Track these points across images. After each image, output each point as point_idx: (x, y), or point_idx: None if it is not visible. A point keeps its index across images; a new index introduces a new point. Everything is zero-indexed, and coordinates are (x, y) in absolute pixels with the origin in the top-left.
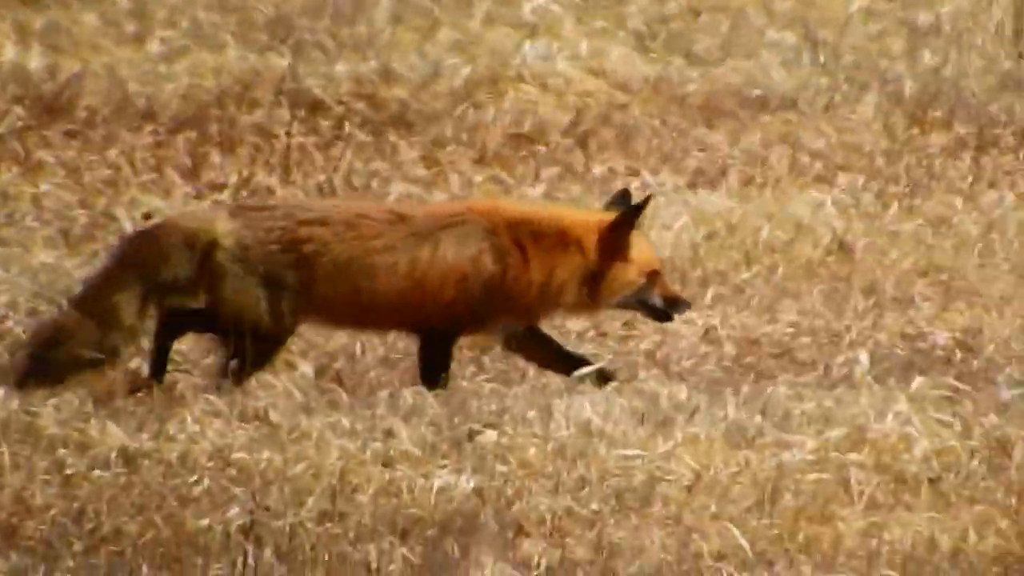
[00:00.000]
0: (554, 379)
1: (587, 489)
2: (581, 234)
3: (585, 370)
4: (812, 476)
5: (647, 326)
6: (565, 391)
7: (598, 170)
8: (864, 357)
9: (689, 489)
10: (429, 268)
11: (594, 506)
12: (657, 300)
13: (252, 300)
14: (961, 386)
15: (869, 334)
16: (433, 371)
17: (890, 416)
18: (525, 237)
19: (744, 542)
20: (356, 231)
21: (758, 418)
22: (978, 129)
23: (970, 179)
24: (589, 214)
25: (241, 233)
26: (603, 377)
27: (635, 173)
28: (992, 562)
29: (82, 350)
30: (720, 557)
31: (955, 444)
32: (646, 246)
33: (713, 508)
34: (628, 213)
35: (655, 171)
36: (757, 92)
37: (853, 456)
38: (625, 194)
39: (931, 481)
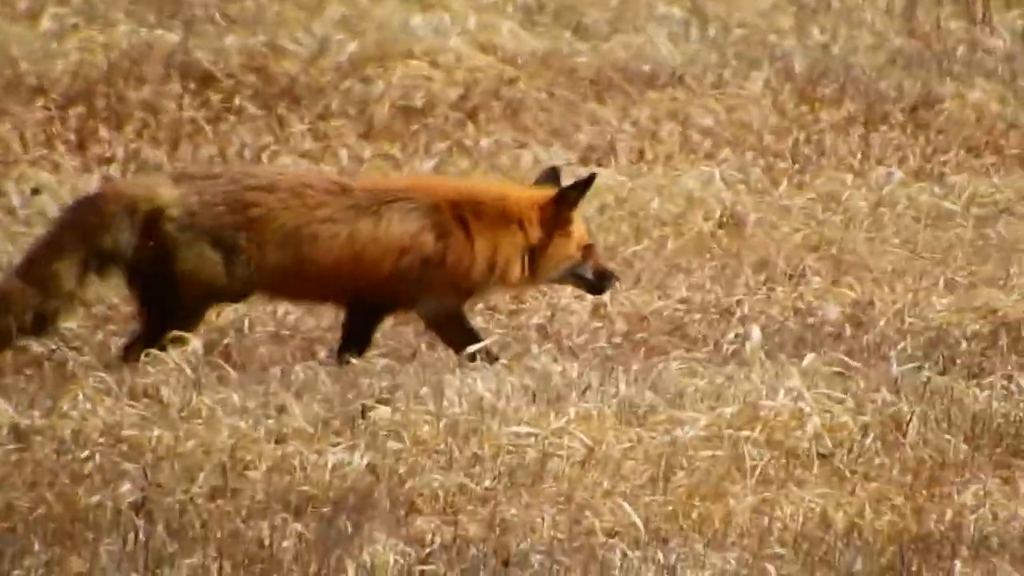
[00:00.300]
0: (445, 356)
1: (480, 466)
2: (523, 211)
3: (475, 347)
4: (705, 452)
5: (537, 301)
6: (457, 367)
7: (486, 143)
8: (756, 332)
9: (582, 466)
10: (370, 242)
11: (487, 483)
12: (590, 273)
13: (210, 265)
14: (852, 362)
15: (760, 309)
16: (355, 346)
17: (782, 392)
18: (468, 214)
19: (637, 519)
20: (301, 199)
21: (650, 394)
22: (867, 105)
23: (859, 155)
24: (529, 191)
25: (187, 200)
26: (492, 354)
27: (524, 147)
28: (887, 539)
29: (22, 317)
30: (613, 534)
31: (847, 420)
32: (580, 221)
33: (606, 485)
34: (576, 188)
35: (545, 145)
36: (646, 67)
37: (745, 432)
38: (554, 171)
39: (823, 457)
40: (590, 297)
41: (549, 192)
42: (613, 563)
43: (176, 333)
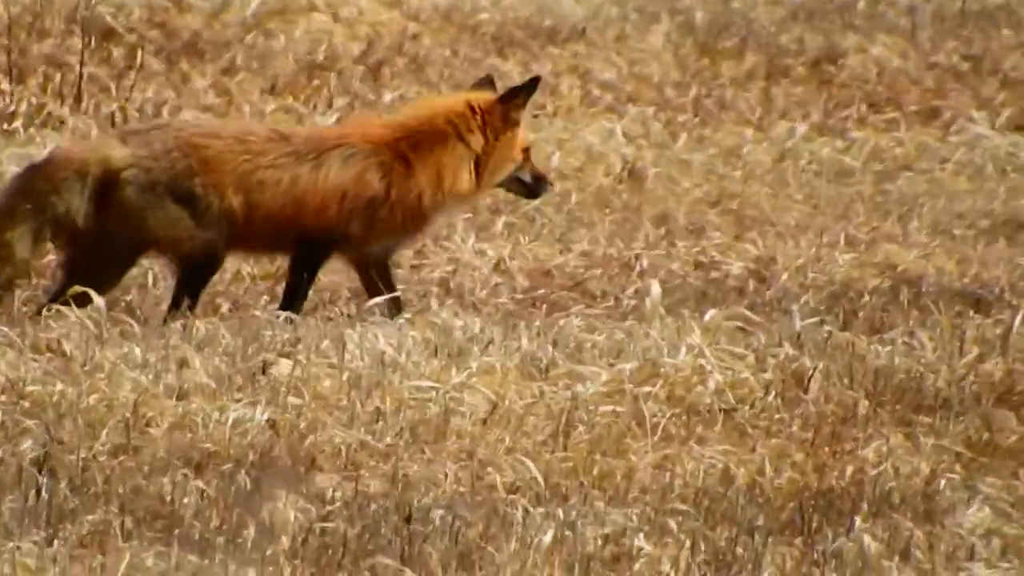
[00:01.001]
0: (346, 309)
1: (381, 422)
2: (459, 122)
3: (376, 300)
4: (606, 408)
5: (438, 256)
6: (358, 322)
7: (389, 98)
8: (655, 288)
9: (484, 422)
10: (312, 186)
11: (388, 439)
12: (529, 177)
13: (174, 220)
14: (755, 317)
15: (661, 264)
16: (297, 295)
17: (683, 348)
18: (406, 148)
19: (538, 475)
20: (245, 146)
21: (551, 350)
22: (769, 59)
23: (760, 110)
24: (460, 99)
25: (138, 156)
26: (396, 307)
27: None
28: (788, 496)
29: None
30: (514, 490)
31: (749, 376)
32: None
33: (507, 441)
34: (522, 90)
35: None
36: (548, 22)
37: (647, 388)
38: (489, 79)
39: (725, 413)
40: (491, 252)
41: (490, 96)
42: (514, 519)
43: (79, 288)
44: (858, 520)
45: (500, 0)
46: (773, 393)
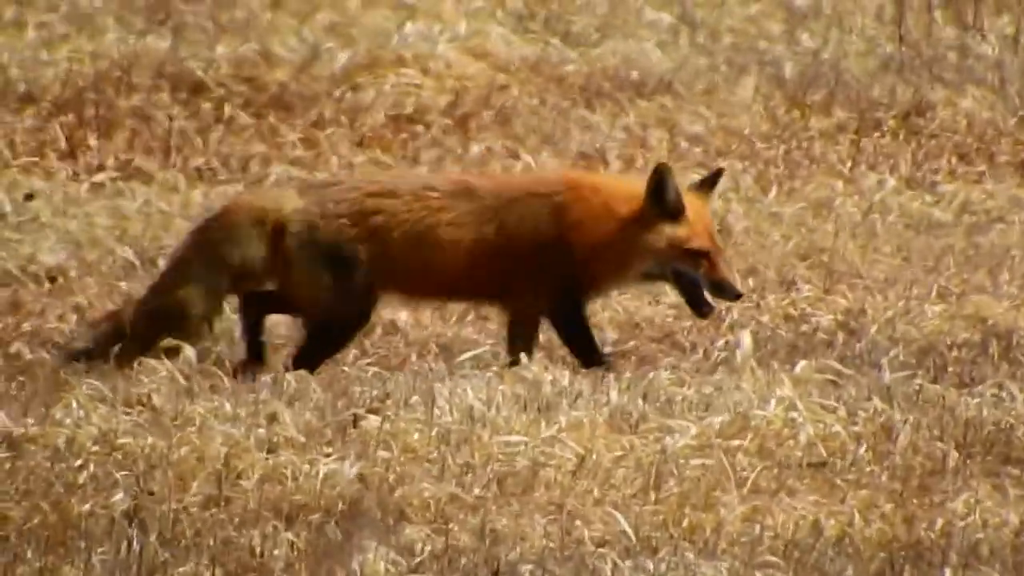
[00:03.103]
0: (436, 364)
1: (470, 475)
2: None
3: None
4: (695, 461)
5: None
6: (447, 376)
7: (477, 151)
8: (746, 340)
9: (572, 474)
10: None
11: (477, 492)
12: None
13: (322, 284)
14: (844, 370)
15: (751, 316)
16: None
17: (773, 401)
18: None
19: (627, 527)
20: (424, 202)
21: (641, 403)
22: (858, 112)
23: (850, 163)
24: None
25: (309, 211)
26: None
27: (515, 155)
28: (877, 547)
29: (153, 342)
30: (603, 543)
31: (839, 429)
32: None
33: (596, 493)
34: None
35: (535, 152)
36: (635, 74)
37: (736, 441)
38: (719, 172)
39: (814, 466)
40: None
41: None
42: (604, 572)
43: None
44: (947, 572)
45: (587, 51)
46: (864, 446)
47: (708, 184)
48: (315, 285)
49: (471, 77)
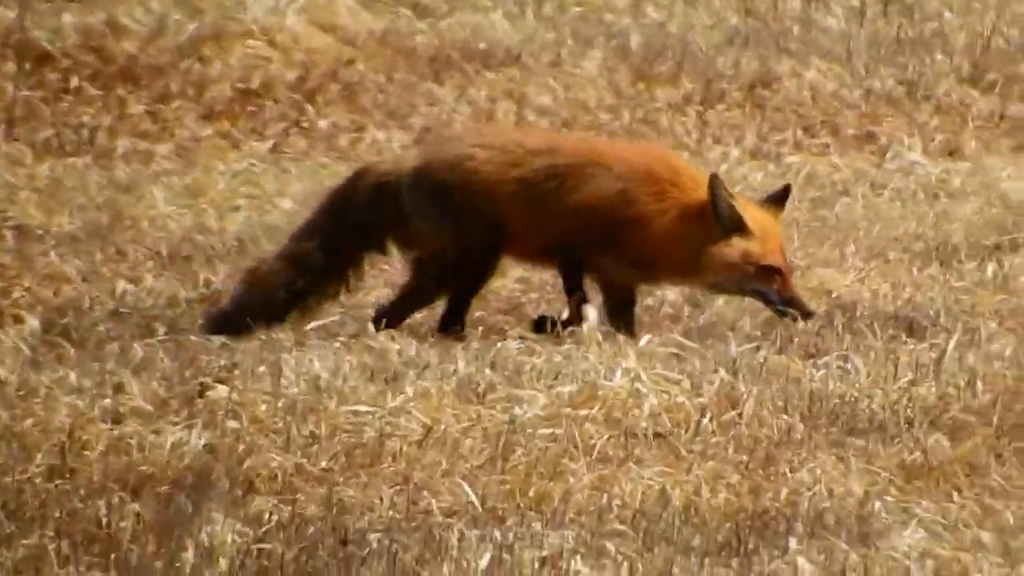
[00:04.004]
0: (283, 334)
1: (317, 446)
2: None
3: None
4: (543, 431)
5: (374, 280)
6: (295, 346)
7: (324, 125)
8: (592, 313)
9: (420, 445)
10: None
11: (324, 463)
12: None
13: (441, 233)
14: (688, 343)
15: (597, 290)
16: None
17: (619, 371)
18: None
19: (475, 498)
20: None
21: (488, 373)
22: (704, 84)
23: (696, 134)
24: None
25: (418, 165)
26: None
27: (362, 128)
28: (724, 517)
29: (276, 295)
30: (450, 513)
31: (684, 400)
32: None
33: (444, 464)
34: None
35: (382, 126)
36: (483, 45)
37: (584, 411)
38: (787, 190)
39: (660, 436)
40: None
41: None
42: (451, 542)
43: (14, 311)
44: (793, 541)
45: (436, 23)
46: (708, 416)
47: (777, 200)
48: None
49: (319, 50)
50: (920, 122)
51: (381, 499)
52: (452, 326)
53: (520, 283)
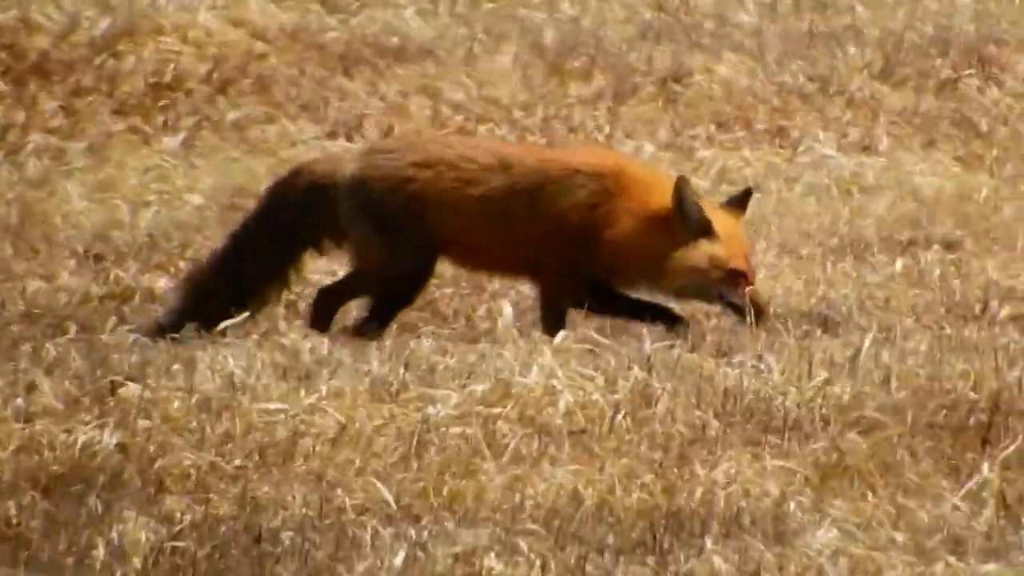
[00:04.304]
0: (197, 332)
1: (231, 444)
2: None
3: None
4: (456, 430)
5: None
6: (208, 344)
7: (234, 117)
8: (507, 309)
9: (333, 443)
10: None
11: (238, 461)
12: None
13: (373, 247)
14: (603, 340)
15: (511, 286)
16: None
17: (534, 369)
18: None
19: (388, 496)
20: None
21: (402, 371)
22: (617, 79)
23: (609, 129)
24: None
25: (356, 176)
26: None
27: (273, 121)
28: (638, 516)
29: (214, 303)
30: (364, 511)
31: (598, 397)
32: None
33: (357, 462)
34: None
35: (294, 120)
36: (395, 40)
37: (497, 409)
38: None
39: (574, 434)
40: (341, 273)
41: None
42: (364, 540)
43: None
44: (708, 540)
45: (347, 19)
46: (622, 414)
47: (738, 202)
48: (369, 241)
49: (230, 45)
50: (832, 117)
51: (294, 497)
52: (371, 330)
53: (435, 279)
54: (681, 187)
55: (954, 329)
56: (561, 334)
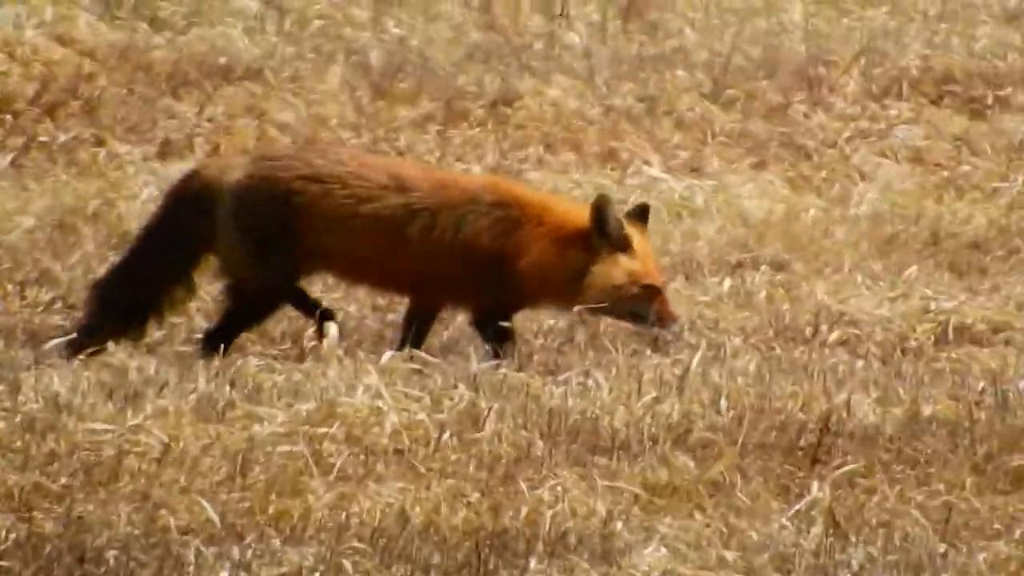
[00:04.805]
0: (22, 353)
1: (56, 463)
2: None
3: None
4: (283, 449)
5: None
6: (33, 363)
7: (64, 139)
8: (333, 329)
9: (158, 463)
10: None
11: (63, 480)
12: None
13: (240, 258)
14: (431, 358)
15: (339, 306)
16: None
17: (360, 389)
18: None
19: (214, 515)
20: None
21: (228, 390)
22: (445, 101)
23: (438, 152)
24: None
25: (245, 183)
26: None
27: (102, 143)
28: (464, 535)
29: (121, 313)
30: (188, 531)
31: (423, 417)
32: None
33: (182, 481)
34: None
35: (122, 140)
36: (223, 59)
37: (323, 429)
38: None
39: (400, 453)
40: None
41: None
42: (188, 559)
43: None
44: (533, 561)
45: (175, 38)
46: (448, 433)
47: (638, 217)
48: (235, 254)
49: (58, 63)
50: (661, 139)
51: (119, 517)
52: (217, 345)
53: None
54: (603, 205)
55: (783, 350)
56: (388, 353)
